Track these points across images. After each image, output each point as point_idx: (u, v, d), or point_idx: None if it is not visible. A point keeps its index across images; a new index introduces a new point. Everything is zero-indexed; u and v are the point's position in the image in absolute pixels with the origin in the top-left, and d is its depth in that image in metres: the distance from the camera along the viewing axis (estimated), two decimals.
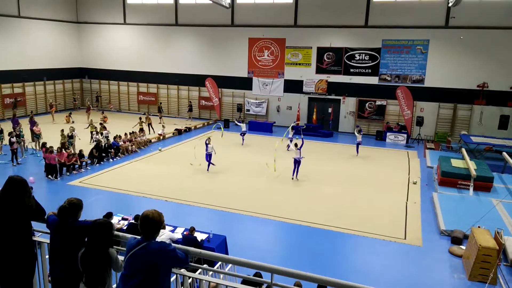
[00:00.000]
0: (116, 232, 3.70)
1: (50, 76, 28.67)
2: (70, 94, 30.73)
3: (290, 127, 19.93)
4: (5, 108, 25.62)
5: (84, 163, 16.43)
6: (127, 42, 29.98)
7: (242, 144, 21.27)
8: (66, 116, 25.25)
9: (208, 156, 16.26)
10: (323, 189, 14.81)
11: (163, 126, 23.12)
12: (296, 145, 15.85)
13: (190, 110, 28.12)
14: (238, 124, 21.85)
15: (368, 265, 9.55)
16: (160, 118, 26.39)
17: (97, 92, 31.02)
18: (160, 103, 28.41)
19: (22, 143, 17.68)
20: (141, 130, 21.44)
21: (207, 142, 16.32)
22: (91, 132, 20.35)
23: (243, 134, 21.34)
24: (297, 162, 15.47)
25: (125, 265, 3.29)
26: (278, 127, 26.00)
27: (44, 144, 15.97)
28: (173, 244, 3.34)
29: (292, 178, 15.58)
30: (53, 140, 17.51)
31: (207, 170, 16.34)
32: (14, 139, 16.38)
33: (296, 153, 15.45)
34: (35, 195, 4.14)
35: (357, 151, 19.69)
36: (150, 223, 3.25)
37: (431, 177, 16.63)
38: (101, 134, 19.73)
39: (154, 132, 22.87)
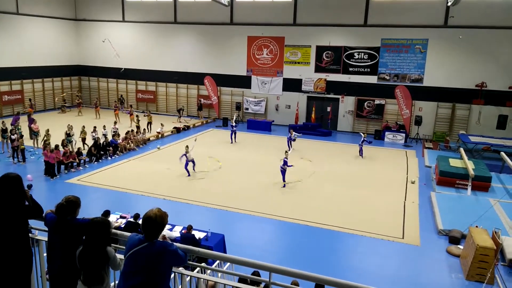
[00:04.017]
0: (113, 231, 3.71)
1: (48, 73, 28.60)
2: (68, 92, 30.62)
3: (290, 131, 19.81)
4: (3, 105, 25.55)
5: (82, 161, 16.39)
6: (125, 39, 29.88)
7: (235, 141, 21.23)
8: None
9: (188, 163, 15.49)
10: (321, 188, 14.80)
11: (161, 124, 23.03)
12: (286, 152, 15.37)
13: (200, 109, 27.84)
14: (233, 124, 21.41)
15: (365, 264, 9.56)
16: (179, 117, 26.55)
17: (122, 96, 29.88)
18: (182, 107, 27.83)
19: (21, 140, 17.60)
20: (139, 127, 21.36)
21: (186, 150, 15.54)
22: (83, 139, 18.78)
23: (233, 131, 21.28)
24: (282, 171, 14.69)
25: (126, 262, 3.29)
26: (276, 126, 26.01)
27: (45, 141, 15.93)
28: (174, 244, 3.36)
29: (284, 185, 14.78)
30: (52, 137, 17.46)
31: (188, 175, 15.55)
32: (14, 136, 16.33)
33: (280, 162, 14.74)
34: (33, 192, 4.13)
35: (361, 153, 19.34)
36: (153, 225, 3.26)
37: (429, 177, 16.65)
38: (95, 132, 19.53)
39: (150, 132, 22.71)
